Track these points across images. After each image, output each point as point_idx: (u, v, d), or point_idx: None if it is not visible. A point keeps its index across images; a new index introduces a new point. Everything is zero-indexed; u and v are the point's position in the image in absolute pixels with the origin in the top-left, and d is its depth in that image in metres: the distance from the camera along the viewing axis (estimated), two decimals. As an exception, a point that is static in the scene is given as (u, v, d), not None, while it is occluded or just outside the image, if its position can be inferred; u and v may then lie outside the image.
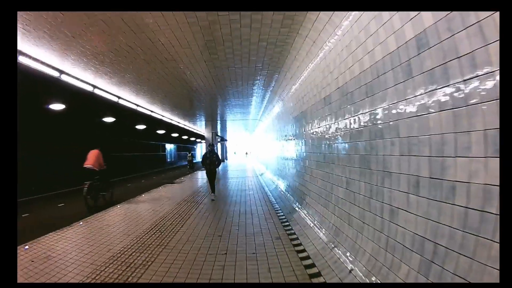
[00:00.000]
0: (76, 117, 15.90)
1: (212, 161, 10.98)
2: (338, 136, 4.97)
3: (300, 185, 8.26)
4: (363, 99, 3.81)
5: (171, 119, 21.97)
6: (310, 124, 7.19)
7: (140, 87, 11.64)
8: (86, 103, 12.90)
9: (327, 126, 5.64)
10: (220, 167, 29.68)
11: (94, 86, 10.74)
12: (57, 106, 12.41)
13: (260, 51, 7.83)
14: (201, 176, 20.00)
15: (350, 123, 4.37)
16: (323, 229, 5.33)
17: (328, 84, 5.41)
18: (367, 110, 3.72)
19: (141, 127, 21.77)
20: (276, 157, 14.30)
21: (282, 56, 8.12)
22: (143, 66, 8.73)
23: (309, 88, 7.09)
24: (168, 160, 45.63)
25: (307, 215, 6.77)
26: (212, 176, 11.01)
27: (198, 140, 52.21)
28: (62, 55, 7.58)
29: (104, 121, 16.96)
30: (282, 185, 11.48)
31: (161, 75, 9.87)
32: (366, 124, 3.78)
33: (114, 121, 17.12)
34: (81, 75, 9.35)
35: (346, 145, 4.62)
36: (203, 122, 26.65)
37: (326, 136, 5.79)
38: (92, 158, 10.61)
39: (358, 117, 4.02)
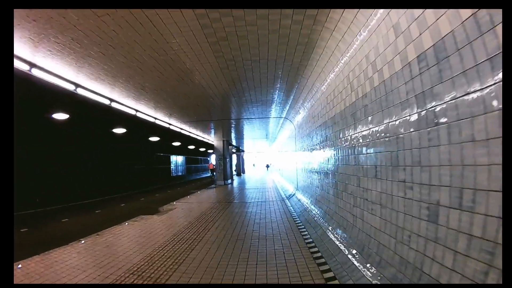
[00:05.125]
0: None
1: None
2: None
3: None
4: None
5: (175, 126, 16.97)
6: None
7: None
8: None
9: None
10: (234, 184, 25.55)
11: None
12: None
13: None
14: (207, 196, 14.85)
15: None
16: None
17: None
18: None
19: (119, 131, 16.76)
20: (327, 172, 8.94)
21: None
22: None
23: None
24: (174, 174, 40.74)
25: None
26: None
27: (210, 151, 47.21)
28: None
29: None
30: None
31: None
32: None
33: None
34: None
35: None
36: (212, 128, 21.50)
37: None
38: (211, 165, 34.28)
39: None
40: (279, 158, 30.47)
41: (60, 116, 12.34)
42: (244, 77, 8.27)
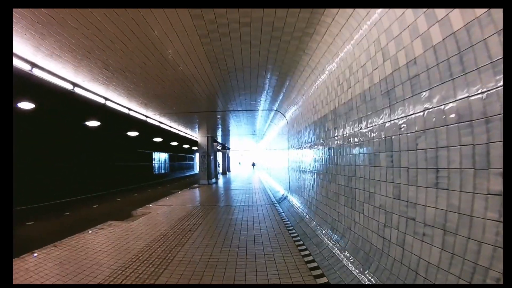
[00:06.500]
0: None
1: None
2: None
3: None
4: None
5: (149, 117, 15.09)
6: None
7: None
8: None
9: None
10: (219, 183, 23.61)
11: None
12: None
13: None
14: (188, 198, 13.08)
15: None
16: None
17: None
18: None
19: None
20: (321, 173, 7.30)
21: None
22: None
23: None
24: (157, 172, 38.68)
25: None
26: None
27: (194, 148, 45.25)
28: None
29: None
30: None
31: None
32: None
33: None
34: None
35: None
36: (195, 123, 19.70)
37: None
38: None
39: None
40: (267, 157, 28.75)
41: (25, 105, 10.58)
42: (230, 51, 6.47)
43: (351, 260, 4.35)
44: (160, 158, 40.41)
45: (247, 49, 6.33)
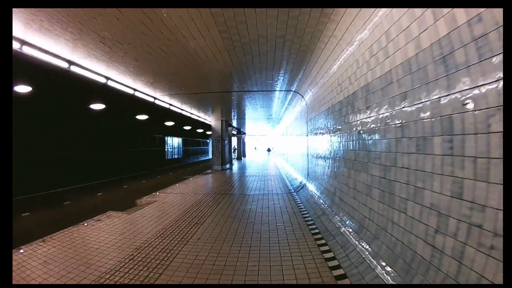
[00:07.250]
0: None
1: None
2: None
3: None
4: None
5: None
6: None
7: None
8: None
9: None
10: (233, 169, 23.03)
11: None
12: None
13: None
14: (199, 185, 12.55)
15: None
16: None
17: None
18: None
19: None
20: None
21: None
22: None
23: None
24: (169, 157, 38.51)
25: None
26: None
27: (209, 132, 44.80)
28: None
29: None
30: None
31: None
32: None
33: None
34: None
35: None
36: (209, 105, 19.14)
37: None
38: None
39: None
40: (284, 142, 27.95)
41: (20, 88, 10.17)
42: (242, 15, 5.59)
43: (387, 270, 3.62)
44: (173, 143, 40.21)
45: (262, 13, 5.47)
